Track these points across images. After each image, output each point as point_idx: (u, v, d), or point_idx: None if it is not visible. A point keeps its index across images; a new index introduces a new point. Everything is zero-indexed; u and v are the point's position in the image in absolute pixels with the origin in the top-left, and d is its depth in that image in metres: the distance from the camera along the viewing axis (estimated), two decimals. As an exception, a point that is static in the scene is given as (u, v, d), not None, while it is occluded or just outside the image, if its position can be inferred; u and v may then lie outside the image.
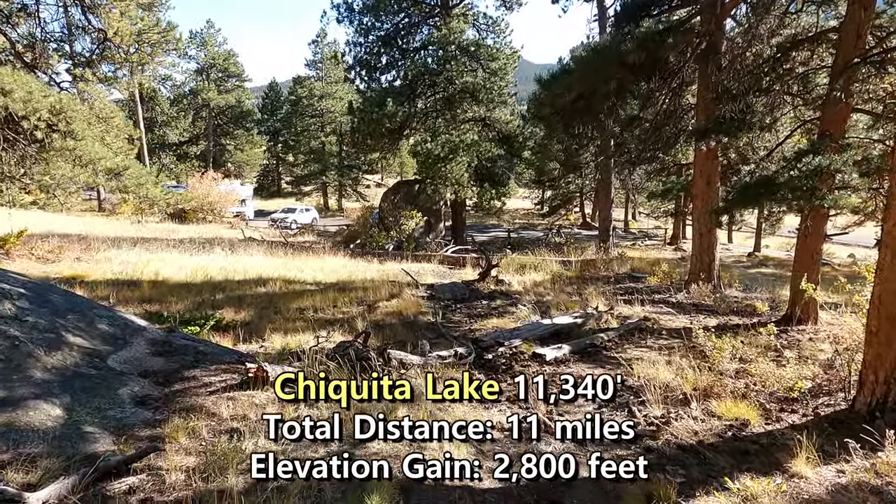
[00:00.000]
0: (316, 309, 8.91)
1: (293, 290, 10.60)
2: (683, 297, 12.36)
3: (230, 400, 3.98)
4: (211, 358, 4.97)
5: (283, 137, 57.06)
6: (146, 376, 4.25)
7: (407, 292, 10.80)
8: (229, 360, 5.01)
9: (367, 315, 8.55)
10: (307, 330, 7.24)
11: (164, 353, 4.77)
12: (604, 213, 23.93)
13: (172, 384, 4.21)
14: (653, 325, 8.46)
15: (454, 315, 9.09)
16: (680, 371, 5.43)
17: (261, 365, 4.24)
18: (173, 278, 11.05)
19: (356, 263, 17.46)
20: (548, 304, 10.12)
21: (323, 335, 6.30)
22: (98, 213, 35.62)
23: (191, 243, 19.27)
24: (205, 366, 4.66)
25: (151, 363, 4.47)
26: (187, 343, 5.22)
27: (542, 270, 15.68)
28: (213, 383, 4.27)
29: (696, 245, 13.67)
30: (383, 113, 19.92)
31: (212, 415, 3.75)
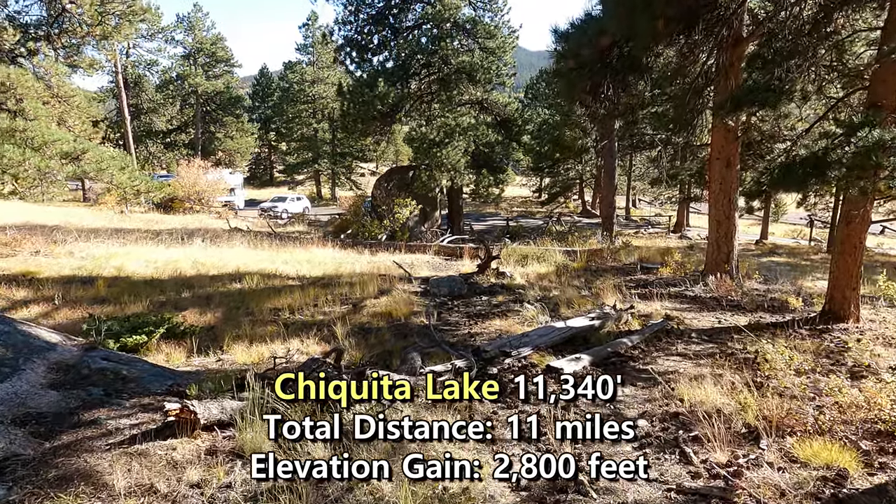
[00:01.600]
0: (293, 309, 7.79)
1: (271, 287, 9.48)
2: (701, 290, 11.30)
3: (137, 457, 2.84)
4: (133, 387, 3.83)
5: (275, 125, 55.53)
6: (24, 423, 3.04)
7: (398, 288, 9.69)
8: (158, 389, 3.87)
9: (352, 317, 7.45)
10: (278, 337, 6.14)
11: (65, 385, 3.59)
12: (607, 199, 22.81)
13: (59, 435, 3.01)
14: (678, 326, 7.39)
15: (451, 315, 7.99)
16: (732, 391, 4.35)
17: (186, 405, 3.13)
18: (137, 274, 9.92)
19: (346, 255, 16.33)
20: (555, 301, 9.02)
21: (294, 346, 5.21)
22: (82, 204, 34.28)
23: (170, 234, 18.11)
24: (118, 402, 3.50)
25: (39, 401, 3.30)
26: (107, 365, 4.08)
27: (546, 261, 14.59)
28: (121, 430, 3.12)
29: (713, 233, 12.59)
30: (374, 94, 18.66)
31: (100, 487, 2.61)
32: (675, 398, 4.31)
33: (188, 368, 5.15)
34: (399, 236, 20.78)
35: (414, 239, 21.40)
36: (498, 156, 25.25)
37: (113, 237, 16.10)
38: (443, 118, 21.53)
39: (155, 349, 5.63)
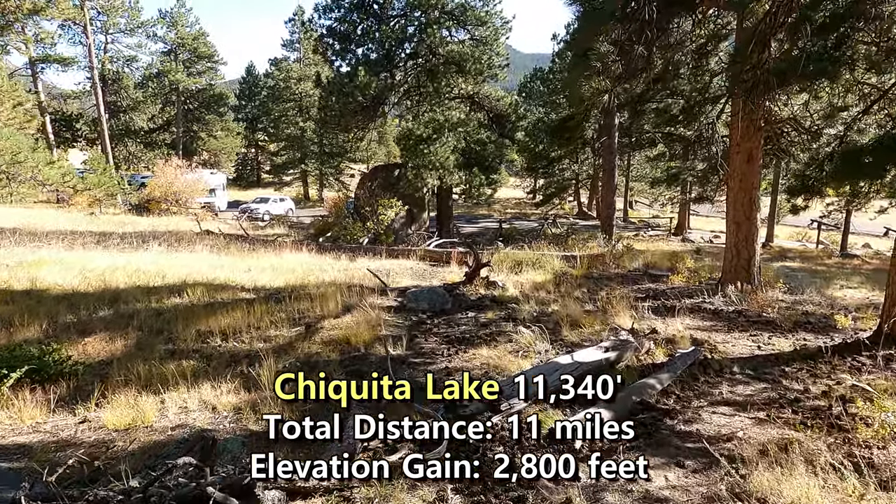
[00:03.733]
0: (230, 333, 6.21)
1: (216, 302, 7.90)
2: (721, 302, 9.82)
3: None
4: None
5: (262, 124, 53.73)
6: None
7: (369, 303, 8.13)
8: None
9: (299, 344, 5.88)
10: (187, 380, 4.55)
11: None
12: (607, 200, 21.33)
13: None
14: (712, 355, 5.87)
15: (427, 339, 6.43)
16: (836, 485, 2.81)
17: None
18: (57, 287, 8.31)
19: (321, 260, 14.75)
20: (556, 319, 7.49)
21: (198, 398, 3.66)
22: (55, 206, 32.44)
23: (130, 238, 16.48)
24: None
25: None
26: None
27: (542, 268, 13.06)
28: None
29: (731, 236, 11.11)
30: (354, 85, 17.06)
31: None
32: (754, 498, 2.76)
33: (22, 440, 3.58)
34: (383, 239, 19.21)
35: (400, 242, 19.84)
36: (490, 154, 23.70)
37: (66, 241, 14.47)
38: (430, 113, 19.97)
39: (6, 400, 4.06)
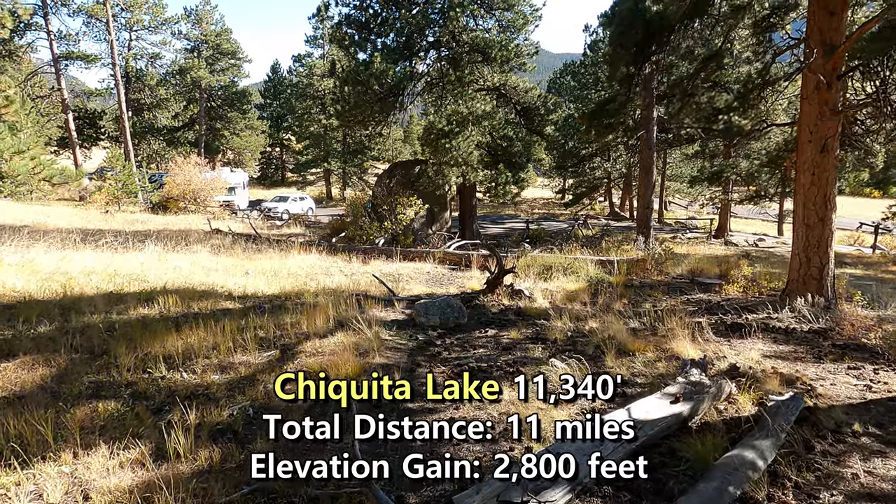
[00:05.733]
0: (180, 359, 4.92)
1: (189, 314, 6.65)
2: (791, 317, 8.23)
3: None
4: None
5: (286, 123, 53.09)
6: None
7: (370, 317, 6.80)
8: None
9: (266, 376, 4.54)
10: (89, 435, 3.26)
11: None
12: (644, 199, 19.59)
13: None
14: (814, 401, 4.34)
15: (432, 370, 5.01)
16: None
17: None
18: (10, 293, 7.17)
19: (330, 263, 13.49)
20: (596, 343, 6.00)
21: (62, 483, 2.35)
22: (73, 203, 32.11)
23: (131, 237, 15.49)
24: None
25: None
26: None
27: (575, 274, 11.55)
28: None
29: (800, 240, 9.40)
30: (370, 73, 15.74)
31: None
32: None
33: None
34: (401, 240, 17.89)
35: (420, 243, 18.50)
36: (517, 150, 22.19)
37: (63, 240, 13.53)
38: (453, 105, 18.55)
39: None
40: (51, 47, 36.04)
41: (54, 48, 36.00)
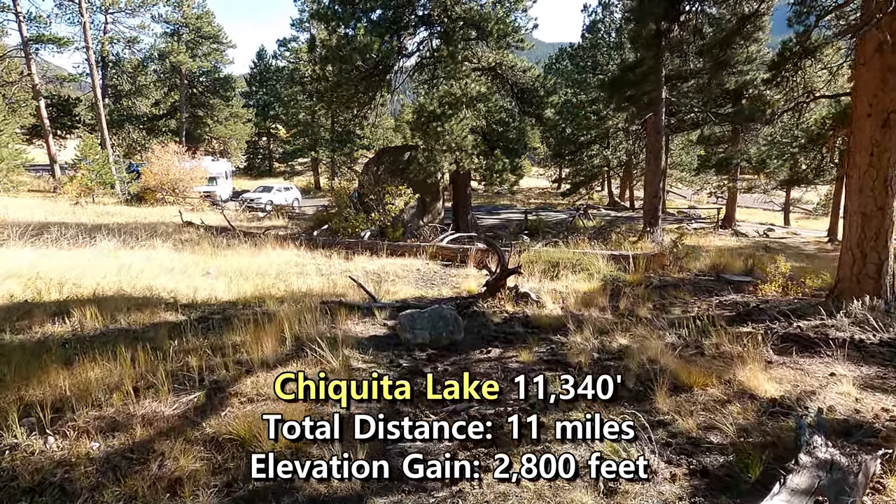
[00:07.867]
0: (63, 408, 3.44)
1: (108, 331, 5.17)
2: (848, 323, 6.86)
3: None
4: None
5: (273, 112, 51.11)
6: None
7: (340, 334, 5.32)
8: None
9: (171, 442, 3.08)
10: None
11: None
12: (652, 187, 18.16)
13: None
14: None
15: (416, 427, 3.51)
16: None
17: None
18: None
19: (308, 259, 11.99)
20: (636, 373, 4.56)
21: None
22: (43, 195, 30.24)
23: (92, 231, 13.89)
24: None
25: None
26: None
27: (585, 271, 10.10)
28: None
29: (854, 232, 7.96)
30: (352, 47, 14.13)
31: None
32: None
33: None
34: (390, 233, 16.37)
35: (410, 236, 16.98)
36: (514, 135, 20.65)
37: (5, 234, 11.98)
38: (445, 85, 16.98)
39: None
40: (20, 30, 34.02)
41: (24, 30, 33.97)
